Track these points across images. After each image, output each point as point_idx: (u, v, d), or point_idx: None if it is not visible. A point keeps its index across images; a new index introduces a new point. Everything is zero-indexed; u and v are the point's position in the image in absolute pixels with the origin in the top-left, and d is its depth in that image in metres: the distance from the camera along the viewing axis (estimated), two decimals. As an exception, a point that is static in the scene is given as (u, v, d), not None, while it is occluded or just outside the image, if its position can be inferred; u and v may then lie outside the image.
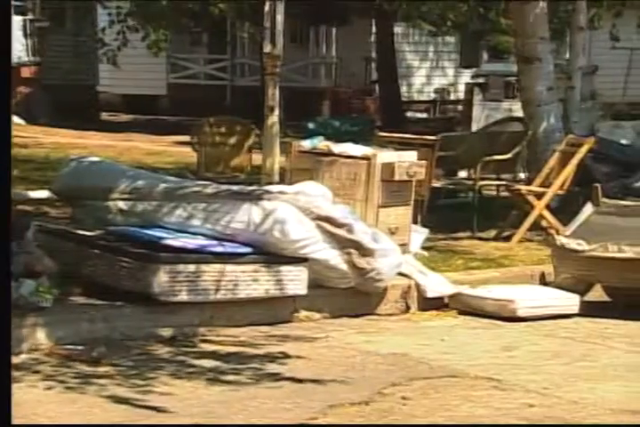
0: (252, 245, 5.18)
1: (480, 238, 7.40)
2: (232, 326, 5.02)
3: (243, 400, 3.94)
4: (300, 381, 4.22)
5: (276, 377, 4.25)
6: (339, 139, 6.75)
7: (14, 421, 3.22)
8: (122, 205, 5.69)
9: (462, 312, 5.55)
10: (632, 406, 4.01)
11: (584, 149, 7.49)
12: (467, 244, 7.18)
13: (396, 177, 5.95)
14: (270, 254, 5.18)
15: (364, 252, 5.37)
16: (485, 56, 22.17)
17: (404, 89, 20.29)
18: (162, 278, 4.87)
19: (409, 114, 19.58)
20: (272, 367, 4.40)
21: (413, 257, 6.02)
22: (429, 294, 5.61)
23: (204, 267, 4.97)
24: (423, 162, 6.21)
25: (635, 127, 12.83)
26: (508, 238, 7.34)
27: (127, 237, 5.22)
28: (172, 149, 13.41)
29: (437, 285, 5.68)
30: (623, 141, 11.27)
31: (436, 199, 7.83)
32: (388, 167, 5.96)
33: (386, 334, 5.12)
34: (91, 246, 5.23)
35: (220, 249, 5.10)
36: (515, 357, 4.75)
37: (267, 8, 6.47)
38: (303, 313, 5.29)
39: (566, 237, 5.87)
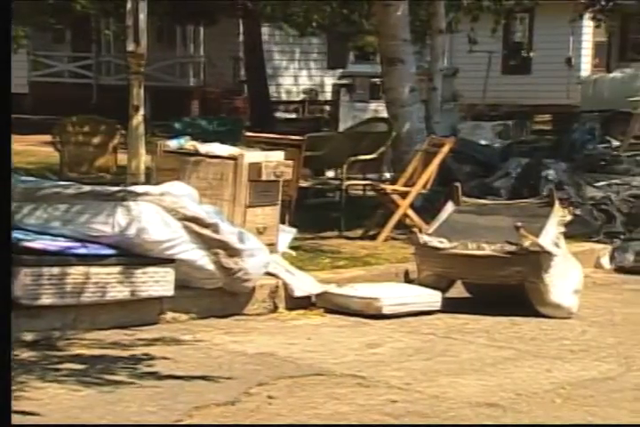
0: (117, 246, 5.11)
1: (347, 237, 7.51)
2: (97, 328, 4.94)
3: (107, 404, 3.88)
4: (165, 382, 4.18)
5: (140, 379, 4.21)
6: (206, 139, 6.72)
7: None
8: (-21, 206, 5.51)
9: (329, 311, 5.61)
10: (489, 399, 4.15)
11: (445, 149, 7.69)
12: (334, 243, 7.27)
13: (264, 177, 5.98)
14: (136, 256, 5.12)
15: (231, 252, 5.37)
16: (352, 57, 22.46)
17: (272, 89, 20.34)
18: (23, 281, 4.74)
19: (278, 114, 19.64)
20: (137, 370, 4.35)
21: (281, 257, 6.06)
22: (297, 294, 5.66)
23: (67, 269, 4.87)
24: (290, 162, 6.25)
25: (494, 128, 13.30)
26: (373, 237, 7.47)
27: (-15, 239, 5.06)
28: (35, 149, 13.05)
29: (305, 284, 5.73)
30: (483, 142, 11.66)
31: (303, 199, 7.89)
32: (255, 167, 5.98)
33: (253, 333, 5.14)
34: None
35: (83, 251, 5.00)
36: (379, 354, 4.83)
37: (129, 6, 6.38)
38: (170, 314, 5.25)
39: (428, 235, 6.02)
